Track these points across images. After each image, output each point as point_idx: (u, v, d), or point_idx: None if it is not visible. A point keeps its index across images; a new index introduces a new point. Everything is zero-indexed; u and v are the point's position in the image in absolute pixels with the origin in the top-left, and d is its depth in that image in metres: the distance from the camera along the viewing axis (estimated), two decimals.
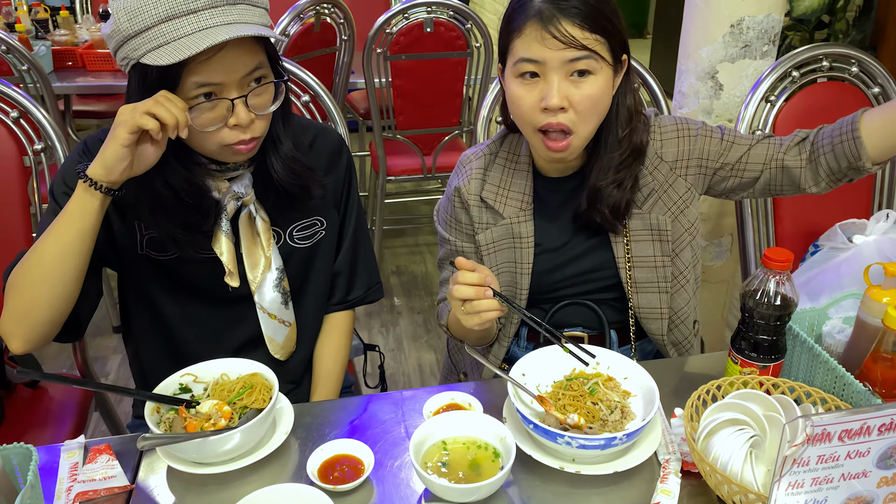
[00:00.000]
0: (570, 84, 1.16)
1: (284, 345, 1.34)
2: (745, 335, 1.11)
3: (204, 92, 1.06)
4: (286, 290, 1.30)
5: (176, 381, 1.11)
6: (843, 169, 1.27)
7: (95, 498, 1.01)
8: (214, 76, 1.05)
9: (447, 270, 1.43)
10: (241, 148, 1.12)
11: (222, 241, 1.21)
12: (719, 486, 0.95)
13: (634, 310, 1.36)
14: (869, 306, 1.07)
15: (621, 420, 1.07)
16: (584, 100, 1.17)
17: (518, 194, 1.33)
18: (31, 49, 2.97)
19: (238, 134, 1.10)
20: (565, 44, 1.13)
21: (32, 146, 1.64)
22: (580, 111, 1.17)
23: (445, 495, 0.96)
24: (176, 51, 1.00)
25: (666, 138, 1.32)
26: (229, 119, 1.09)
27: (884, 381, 1.02)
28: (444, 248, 1.43)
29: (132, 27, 1.01)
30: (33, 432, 1.51)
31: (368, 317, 3.11)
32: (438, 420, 1.06)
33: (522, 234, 1.33)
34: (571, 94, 1.16)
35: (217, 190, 1.19)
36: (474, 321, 1.11)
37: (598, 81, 1.17)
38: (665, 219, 1.31)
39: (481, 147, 1.40)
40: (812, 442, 0.76)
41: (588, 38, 1.14)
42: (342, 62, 3.15)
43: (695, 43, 2.10)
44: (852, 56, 1.77)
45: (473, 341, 1.36)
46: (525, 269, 1.34)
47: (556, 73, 1.15)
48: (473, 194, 1.35)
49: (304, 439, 1.12)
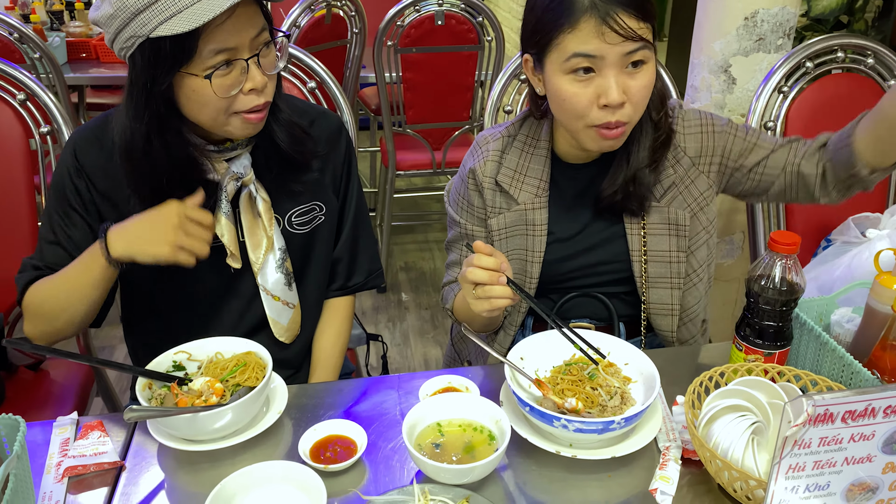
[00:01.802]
0: (626, 76, 1.13)
1: (289, 327, 1.33)
2: (749, 321, 1.08)
3: (224, 59, 1.05)
4: (289, 270, 1.29)
5: (170, 359, 1.10)
6: (844, 178, 1.22)
7: (84, 473, 1.00)
8: (230, 40, 1.04)
9: (454, 253, 1.41)
10: (253, 117, 1.11)
11: (223, 223, 1.20)
12: (719, 472, 0.92)
13: (646, 305, 1.33)
14: (879, 293, 1.04)
15: (621, 406, 1.05)
16: (640, 90, 1.14)
17: (534, 180, 1.30)
18: (45, 39, 2.99)
19: (253, 98, 1.09)
20: (625, 37, 1.09)
21: (39, 129, 1.64)
22: (636, 102, 1.14)
23: (437, 476, 0.94)
24: (193, 16, 0.98)
25: (689, 132, 1.30)
26: (245, 84, 1.08)
27: (893, 369, 0.99)
28: (454, 230, 1.40)
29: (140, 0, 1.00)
30: (34, 413, 1.50)
31: (376, 311, 3.10)
32: (433, 402, 1.04)
33: (536, 222, 1.30)
34: (628, 87, 1.13)
35: (216, 172, 1.18)
36: (484, 307, 1.09)
37: (650, 69, 1.14)
38: (684, 214, 1.29)
39: (500, 128, 1.35)
40: (814, 423, 0.73)
41: (643, 28, 1.11)
42: (353, 55, 3.14)
43: (708, 36, 2.07)
44: (868, 47, 1.73)
45: (478, 327, 1.34)
46: (536, 258, 1.31)
47: (613, 67, 1.12)
48: (489, 177, 1.32)
49: (298, 419, 1.11)
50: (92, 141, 1.19)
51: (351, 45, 3.13)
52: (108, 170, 1.17)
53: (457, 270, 1.38)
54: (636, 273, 1.31)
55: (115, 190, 1.18)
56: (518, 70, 1.71)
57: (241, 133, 1.15)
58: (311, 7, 2.83)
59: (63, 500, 0.96)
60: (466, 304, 1.16)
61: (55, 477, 0.99)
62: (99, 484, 0.99)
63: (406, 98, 2.97)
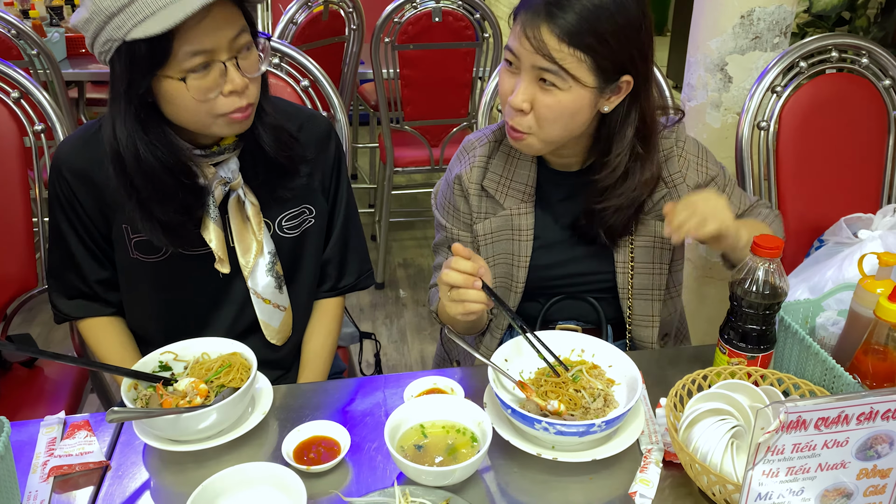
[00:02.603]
0: (538, 89, 1.12)
1: (281, 330, 1.33)
2: (733, 324, 1.08)
3: (200, 61, 1.04)
4: (279, 274, 1.29)
5: (156, 359, 1.11)
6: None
7: (70, 472, 1.01)
8: (206, 41, 1.03)
9: (441, 256, 1.41)
10: (237, 116, 1.10)
11: (210, 228, 1.19)
12: (699, 476, 0.93)
13: (630, 317, 1.34)
14: (862, 297, 1.04)
15: (604, 408, 1.05)
16: (544, 108, 1.13)
17: (520, 185, 1.30)
18: (44, 35, 2.99)
19: (234, 100, 1.08)
20: (535, 49, 1.09)
21: (33, 127, 1.64)
22: (539, 117, 1.14)
23: (418, 478, 0.95)
24: (166, 18, 0.98)
25: (690, 161, 1.30)
26: (224, 86, 1.07)
27: (874, 373, 0.99)
28: (440, 233, 1.41)
29: (115, 2, 1.00)
30: (27, 410, 1.51)
31: (373, 308, 3.11)
32: (416, 403, 1.04)
33: (522, 227, 1.30)
34: (535, 99, 1.13)
35: (203, 176, 1.18)
36: (458, 310, 1.09)
37: (561, 98, 1.11)
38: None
39: (486, 132, 1.35)
40: (787, 429, 0.74)
41: (562, 52, 1.08)
42: (351, 52, 3.14)
43: (704, 34, 2.06)
44: (863, 47, 1.72)
45: (461, 329, 1.35)
46: (522, 262, 1.32)
47: (526, 72, 1.12)
48: (474, 183, 1.32)
49: (283, 420, 1.11)
50: (79, 150, 1.19)
51: (348, 41, 3.13)
52: (97, 179, 1.17)
53: None
54: (619, 284, 1.32)
55: (105, 199, 1.18)
56: None
57: (228, 132, 1.14)
58: (309, 3, 2.83)
59: (48, 499, 0.97)
60: (449, 316, 1.17)
61: (41, 476, 1.00)
62: (84, 483, 1.00)
63: (404, 95, 2.97)
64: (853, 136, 1.75)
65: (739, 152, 1.72)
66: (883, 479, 0.79)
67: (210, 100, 1.07)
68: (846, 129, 1.74)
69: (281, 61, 1.68)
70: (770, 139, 1.72)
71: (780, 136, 1.72)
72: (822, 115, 1.73)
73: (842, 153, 1.75)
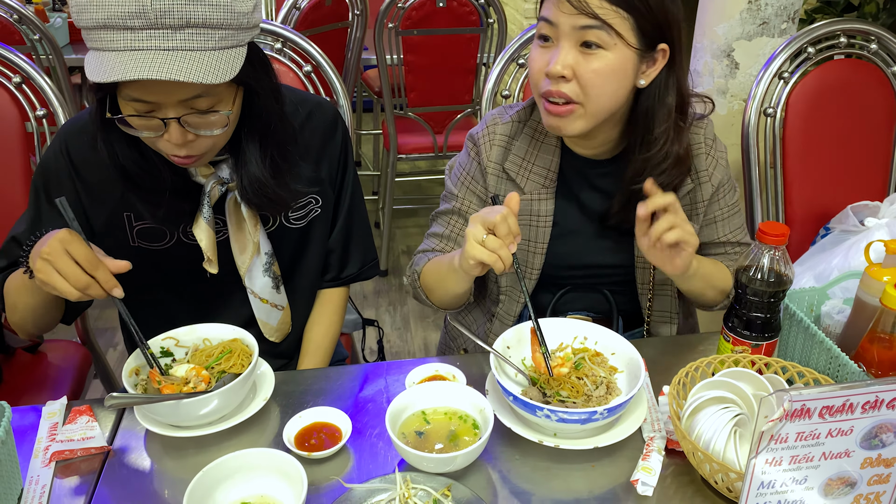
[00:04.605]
0: (580, 55, 1.10)
1: (278, 327, 1.32)
2: (737, 312, 1.07)
3: (141, 108, 0.99)
4: (276, 274, 1.28)
5: (157, 344, 1.11)
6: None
7: (71, 458, 1.01)
8: (148, 95, 0.98)
9: (440, 225, 1.36)
10: (177, 161, 1.06)
11: (202, 227, 1.17)
12: (701, 464, 0.92)
13: (650, 312, 1.33)
14: (868, 285, 1.03)
15: (606, 396, 1.05)
16: (589, 73, 1.10)
17: (542, 169, 1.27)
18: (46, 21, 2.98)
19: (175, 149, 1.03)
20: (576, 9, 1.07)
21: (35, 112, 1.64)
22: (584, 83, 1.10)
23: (419, 465, 0.95)
24: (103, 66, 0.93)
25: (719, 162, 1.29)
26: (164, 133, 1.01)
27: (880, 362, 0.98)
28: (449, 203, 1.35)
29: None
30: (31, 396, 1.52)
31: (377, 295, 3.11)
32: (418, 390, 1.04)
33: (541, 212, 1.28)
34: (578, 65, 1.10)
35: (200, 174, 1.15)
36: (480, 256, 1.02)
37: (607, 58, 1.09)
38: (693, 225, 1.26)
39: (510, 112, 1.31)
40: (791, 418, 0.73)
41: (604, 8, 1.07)
42: (354, 37, 3.11)
43: (711, 19, 2.04)
44: (871, 32, 1.70)
45: (440, 295, 1.29)
46: (539, 249, 1.29)
47: (566, 39, 1.10)
48: (494, 162, 1.28)
49: (285, 406, 1.11)
50: (83, 134, 1.16)
51: (352, 27, 3.10)
52: (98, 163, 1.14)
53: (436, 242, 1.35)
54: (639, 279, 1.31)
55: (104, 185, 1.16)
56: (516, 54, 1.69)
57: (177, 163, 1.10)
58: None
59: (50, 484, 0.97)
60: (443, 267, 1.14)
61: (42, 461, 1.00)
62: (86, 469, 1.00)
63: (407, 81, 2.95)
64: (861, 123, 1.73)
65: (746, 139, 1.70)
66: (887, 468, 0.79)
67: (150, 138, 1.04)
68: (854, 116, 1.72)
69: (284, 46, 1.67)
70: (777, 126, 1.71)
71: (787, 123, 1.70)
72: (829, 102, 1.72)
73: (849, 140, 1.73)
